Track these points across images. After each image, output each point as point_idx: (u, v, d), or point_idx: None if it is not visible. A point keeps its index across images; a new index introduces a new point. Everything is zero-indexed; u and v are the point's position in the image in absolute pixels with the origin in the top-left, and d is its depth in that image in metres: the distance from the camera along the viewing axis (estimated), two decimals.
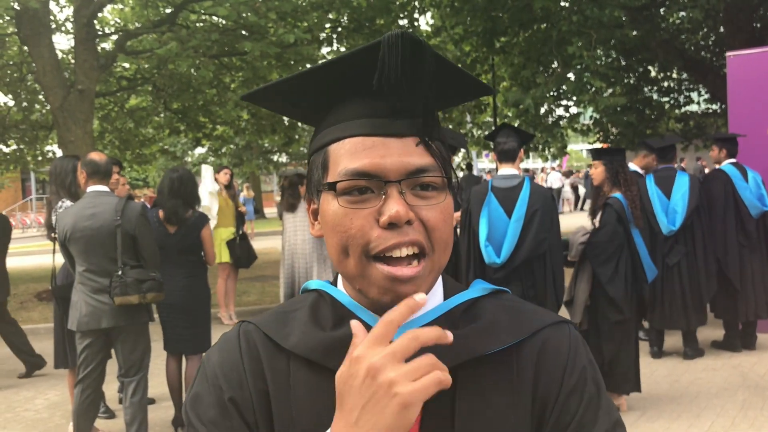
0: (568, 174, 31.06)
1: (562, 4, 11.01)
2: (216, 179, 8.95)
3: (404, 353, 0.78)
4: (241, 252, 8.97)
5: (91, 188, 4.46)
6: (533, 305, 1.06)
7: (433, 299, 0.99)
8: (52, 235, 5.15)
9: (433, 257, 0.92)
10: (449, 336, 0.81)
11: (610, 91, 13.12)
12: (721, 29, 12.46)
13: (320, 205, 0.97)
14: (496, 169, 5.12)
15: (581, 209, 26.58)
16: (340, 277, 1.03)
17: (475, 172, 19.80)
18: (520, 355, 0.97)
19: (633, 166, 6.93)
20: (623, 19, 10.83)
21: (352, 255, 0.91)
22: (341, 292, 1.02)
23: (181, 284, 5.04)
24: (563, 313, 4.51)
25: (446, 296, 1.02)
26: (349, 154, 0.92)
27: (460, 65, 2.44)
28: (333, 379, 0.90)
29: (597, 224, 5.09)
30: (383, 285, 0.90)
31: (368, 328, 0.92)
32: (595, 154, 5.35)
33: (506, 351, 0.96)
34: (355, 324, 0.87)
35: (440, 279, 1.03)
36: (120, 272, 4.27)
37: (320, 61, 0.91)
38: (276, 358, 0.99)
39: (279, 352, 1.00)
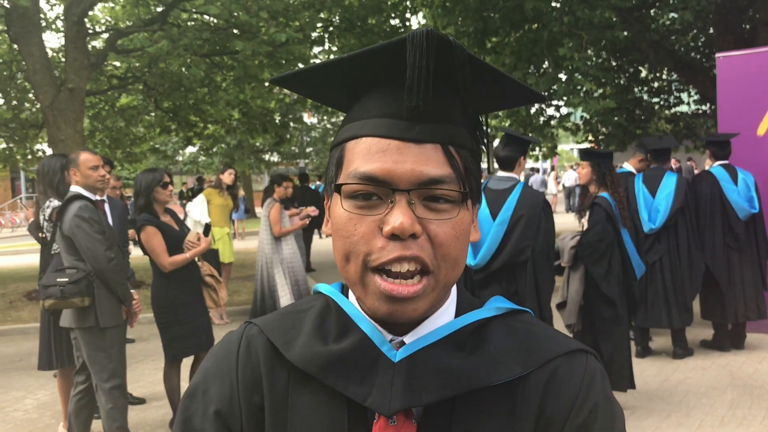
0: None
1: (554, 4, 11.04)
2: (220, 179, 8.83)
3: None
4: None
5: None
6: (553, 330, 0.97)
7: (443, 317, 0.91)
8: (40, 235, 5.11)
9: (437, 275, 0.85)
10: None
11: (600, 91, 13.16)
12: (711, 30, 12.53)
13: (331, 203, 0.90)
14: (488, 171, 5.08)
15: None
16: None
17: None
18: (526, 386, 0.89)
19: (628, 166, 6.95)
20: (614, 20, 10.87)
21: (353, 262, 0.85)
22: (347, 300, 0.95)
23: None
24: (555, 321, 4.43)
25: (458, 314, 0.93)
26: (362, 156, 0.85)
27: None
28: (331, 396, 0.88)
29: (585, 224, 5.12)
30: (380, 298, 0.84)
31: (368, 340, 0.89)
32: (584, 154, 5.39)
33: (511, 381, 0.88)
34: None
35: (454, 294, 0.96)
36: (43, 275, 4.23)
37: (346, 54, 0.86)
38: (277, 369, 0.93)
39: (281, 361, 0.93)
